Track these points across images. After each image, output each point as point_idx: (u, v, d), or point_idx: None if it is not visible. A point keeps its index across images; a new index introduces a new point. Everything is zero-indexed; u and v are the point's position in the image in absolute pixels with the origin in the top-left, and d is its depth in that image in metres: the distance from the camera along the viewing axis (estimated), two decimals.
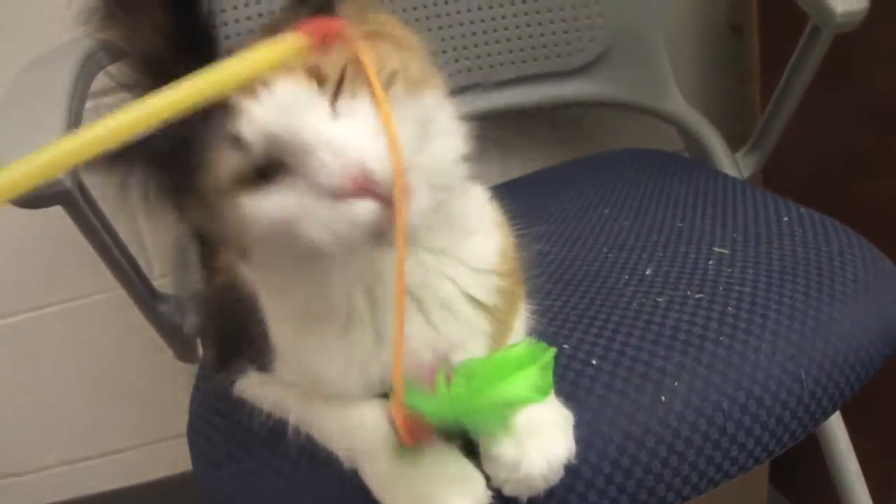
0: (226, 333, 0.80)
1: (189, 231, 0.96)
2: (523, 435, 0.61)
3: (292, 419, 0.70)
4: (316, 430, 0.70)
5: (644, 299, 0.81)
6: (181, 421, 1.64)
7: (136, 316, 1.53)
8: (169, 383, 1.60)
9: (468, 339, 0.66)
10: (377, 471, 0.64)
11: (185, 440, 1.65)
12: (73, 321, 1.57)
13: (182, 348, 1.11)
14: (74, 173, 0.82)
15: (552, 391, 0.65)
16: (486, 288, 0.67)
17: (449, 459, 0.62)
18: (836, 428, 1.11)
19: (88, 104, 0.97)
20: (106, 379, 1.64)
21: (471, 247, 0.67)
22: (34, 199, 0.80)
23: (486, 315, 0.67)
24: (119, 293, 1.50)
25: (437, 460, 0.62)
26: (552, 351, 0.64)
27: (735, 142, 1.28)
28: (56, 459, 1.71)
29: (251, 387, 0.76)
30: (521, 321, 0.73)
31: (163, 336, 1.09)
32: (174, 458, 1.70)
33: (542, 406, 0.63)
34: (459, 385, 0.58)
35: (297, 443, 0.69)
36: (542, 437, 0.62)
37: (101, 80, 1.05)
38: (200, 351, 1.10)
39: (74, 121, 0.88)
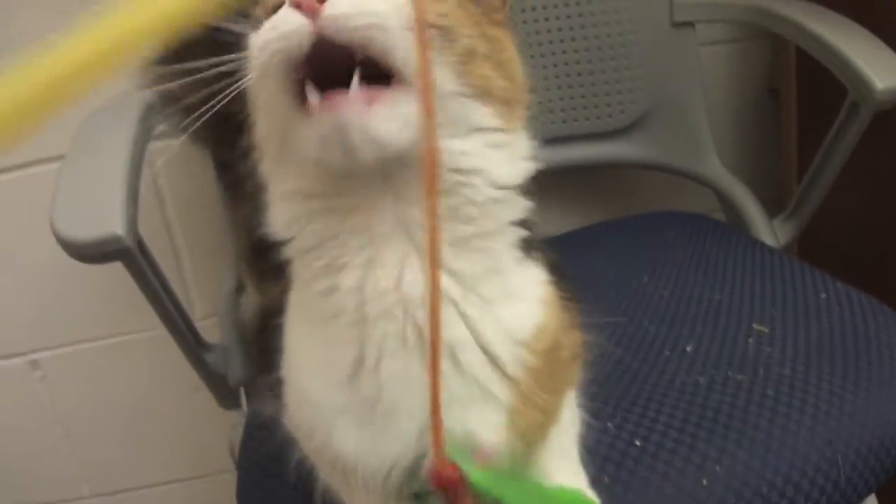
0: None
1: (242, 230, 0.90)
2: None
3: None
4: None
5: (686, 378, 0.84)
6: (214, 459, 1.68)
7: (174, 354, 1.57)
8: (204, 422, 1.63)
9: (474, 401, 0.60)
10: None
11: (216, 478, 1.68)
12: (113, 357, 1.60)
13: (225, 396, 1.13)
14: (135, 231, 0.85)
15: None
16: (512, 356, 0.61)
17: None
18: None
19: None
20: (142, 414, 1.67)
21: (510, 311, 0.61)
22: (95, 255, 0.84)
23: (505, 384, 0.61)
24: (159, 332, 1.55)
25: None
26: None
27: (771, 204, 1.30)
28: (90, 491, 1.74)
29: None
30: (570, 414, 0.71)
31: (207, 384, 1.12)
32: (207, 495, 1.73)
33: None
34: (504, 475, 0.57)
35: None
36: None
37: None
38: (244, 400, 1.13)
39: (136, 174, 0.92)
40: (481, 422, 0.59)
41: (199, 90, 1.05)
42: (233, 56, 0.56)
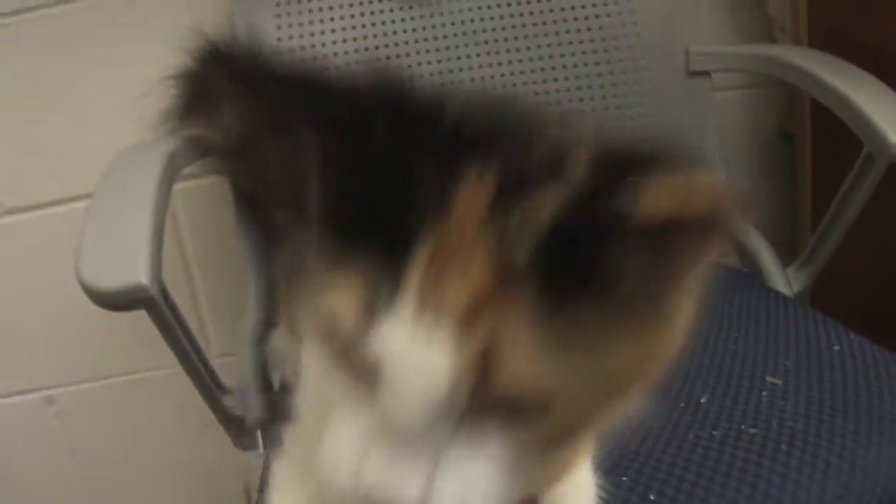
0: None
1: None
2: None
3: None
4: None
5: (700, 431, 0.85)
6: (225, 496, 1.69)
7: (189, 391, 1.59)
8: (216, 458, 1.64)
9: None
10: None
11: None
12: (127, 394, 1.63)
13: (241, 438, 1.14)
14: (159, 279, 0.87)
15: None
16: None
17: None
18: None
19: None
20: (155, 450, 1.69)
21: None
22: (119, 304, 0.86)
23: None
24: (174, 370, 1.56)
25: None
26: None
27: (783, 248, 1.31)
28: None
29: None
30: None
31: (224, 426, 1.13)
32: None
33: None
34: None
35: None
36: None
37: None
38: (261, 442, 1.14)
39: (161, 223, 0.94)
40: None
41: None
42: None
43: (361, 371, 0.43)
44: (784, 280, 1.25)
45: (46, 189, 1.47)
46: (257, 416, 1.10)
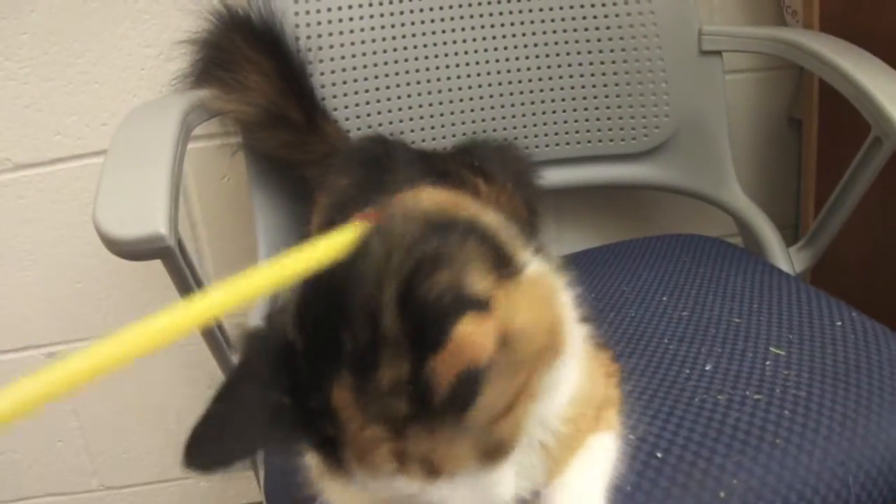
0: None
1: None
2: None
3: None
4: None
5: (705, 395, 0.86)
6: None
7: (193, 353, 1.60)
8: None
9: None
10: None
11: (223, 477, 1.70)
12: None
13: None
14: (176, 230, 0.88)
15: None
16: (545, 430, 0.68)
17: None
18: None
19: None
20: (157, 412, 1.70)
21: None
22: (137, 253, 0.87)
23: (538, 454, 0.69)
24: None
25: None
26: None
27: (786, 230, 1.33)
28: (99, 484, 1.77)
29: None
30: (599, 455, 0.74)
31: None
32: (216, 494, 1.76)
33: None
34: None
35: None
36: None
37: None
38: None
39: (178, 176, 0.95)
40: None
41: None
42: None
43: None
44: (787, 260, 1.27)
45: (55, 146, 1.48)
46: None
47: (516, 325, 0.55)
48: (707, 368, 0.92)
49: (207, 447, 0.57)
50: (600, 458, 0.74)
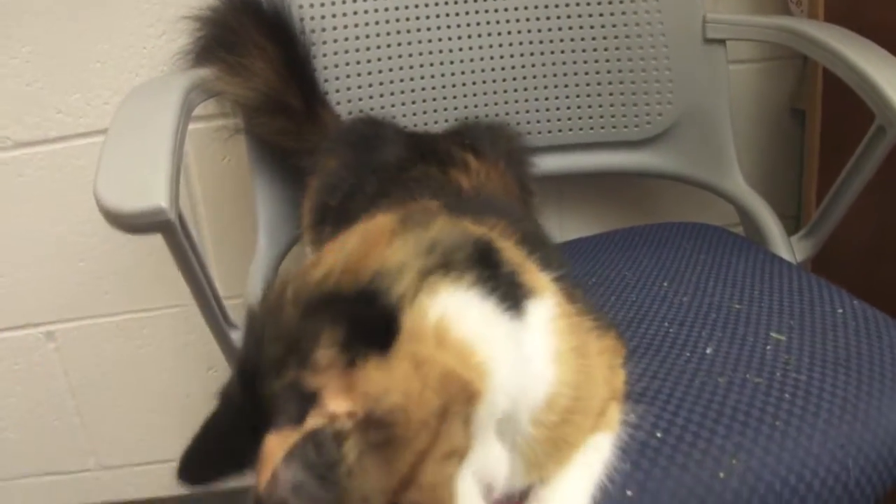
0: None
1: None
2: None
3: None
4: None
5: (706, 378, 0.86)
6: None
7: (191, 332, 1.60)
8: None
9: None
10: None
11: None
12: (129, 333, 1.63)
13: None
14: (177, 204, 0.88)
15: None
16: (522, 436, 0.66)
17: None
18: None
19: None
20: (154, 391, 1.70)
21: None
22: (137, 226, 0.86)
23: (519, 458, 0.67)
24: (180, 311, 1.57)
25: None
26: None
27: (787, 220, 1.33)
28: (96, 464, 1.77)
29: None
30: (592, 459, 0.73)
31: (229, 361, 1.13)
32: None
33: None
34: None
35: None
36: None
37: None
38: None
39: (179, 151, 0.94)
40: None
41: None
42: None
43: None
44: (788, 249, 1.27)
45: (57, 124, 1.48)
46: None
47: (384, 402, 0.54)
48: (707, 352, 0.92)
49: (200, 463, 0.61)
50: (592, 460, 0.73)
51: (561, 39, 1.35)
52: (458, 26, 1.34)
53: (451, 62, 1.34)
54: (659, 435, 0.77)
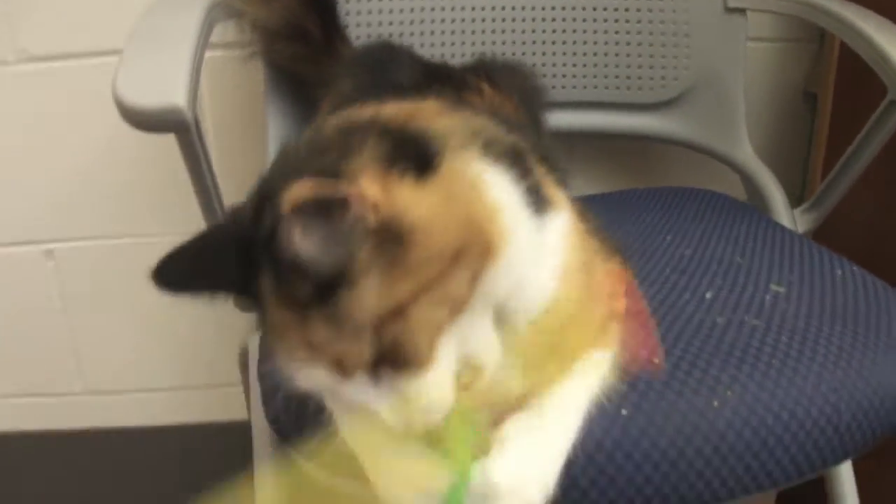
0: None
1: None
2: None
3: None
4: None
5: (704, 317, 0.87)
6: (213, 371, 1.70)
7: None
8: (209, 334, 1.66)
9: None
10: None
11: (211, 391, 1.70)
12: (128, 257, 1.62)
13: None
14: (194, 106, 0.88)
15: None
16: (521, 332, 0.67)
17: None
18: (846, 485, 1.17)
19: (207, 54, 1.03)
20: (148, 319, 1.69)
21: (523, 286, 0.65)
22: (154, 123, 0.87)
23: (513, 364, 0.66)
24: (177, 238, 1.57)
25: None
26: None
27: (791, 199, 1.34)
28: (83, 388, 1.76)
29: None
30: (589, 375, 0.72)
31: None
32: (200, 406, 1.76)
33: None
34: None
35: None
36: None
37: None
38: None
39: (198, 67, 0.94)
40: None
41: None
42: None
43: None
44: (791, 220, 1.28)
45: (73, 41, 1.47)
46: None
47: (409, 217, 0.55)
48: (707, 296, 0.93)
49: (180, 269, 0.60)
50: (590, 375, 0.73)
51: (584, 8, 1.36)
52: (474, 7, 1.35)
53: (473, 7, 1.34)
54: (656, 361, 0.78)
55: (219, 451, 1.70)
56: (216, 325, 1.64)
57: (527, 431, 0.66)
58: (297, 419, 0.76)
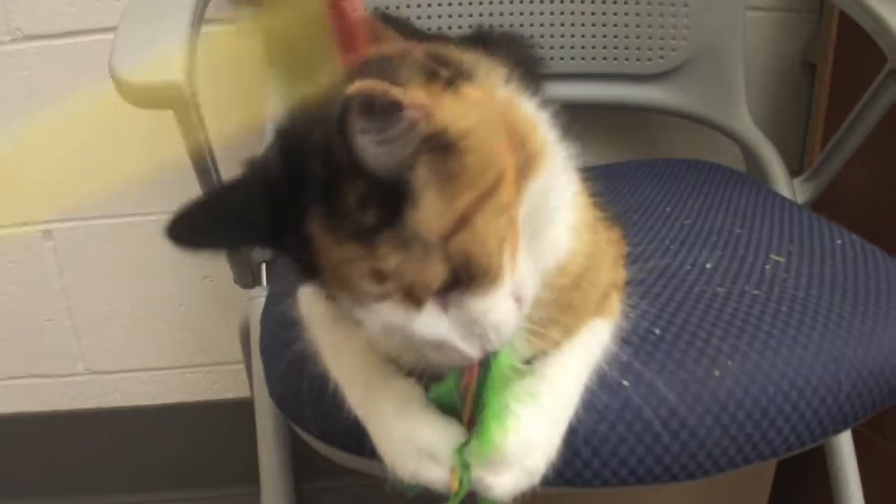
0: None
1: None
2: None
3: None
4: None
5: (705, 287, 0.87)
6: (214, 351, 1.70)
7: None
8: (209, 312, 1.66)
9: None
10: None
11: (211, 370, 1.70)
12: (128, 237, 1.62)
13: (243, 274, 1.15)
14: (192, 82, 0.88)
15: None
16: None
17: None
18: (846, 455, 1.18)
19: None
20: (148, 298, 1.69)
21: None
22: (152, 99, 0.86)
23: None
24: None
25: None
26: None
27: (791, 171, 1.33)
28: (84, 368, 1.76)
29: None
30: (590, 342, 0.74)
31: (229, 259, 1.13)
32: (201, 385, 1.76)
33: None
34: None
35: None
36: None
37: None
38: (265, 277, 1.15)
39: (197, 30, 0.94)
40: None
41: None
42: None
43: None
44: (790, 190, 1.28)
45: (67, 18, 1.46)
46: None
47: (458, 126, 0.54)
48: (707, 266, 0.94)
49: (195, 224, 0.58)
50: (591, 343, 0.73)
51: None
52: None
53: None
54: (657, 332, 0.79)
55: (222, 429, 1.72)
56: (217, 303, 1.64)
57: (530, 398, 0.67)
58: (301, 395, 0.76)
